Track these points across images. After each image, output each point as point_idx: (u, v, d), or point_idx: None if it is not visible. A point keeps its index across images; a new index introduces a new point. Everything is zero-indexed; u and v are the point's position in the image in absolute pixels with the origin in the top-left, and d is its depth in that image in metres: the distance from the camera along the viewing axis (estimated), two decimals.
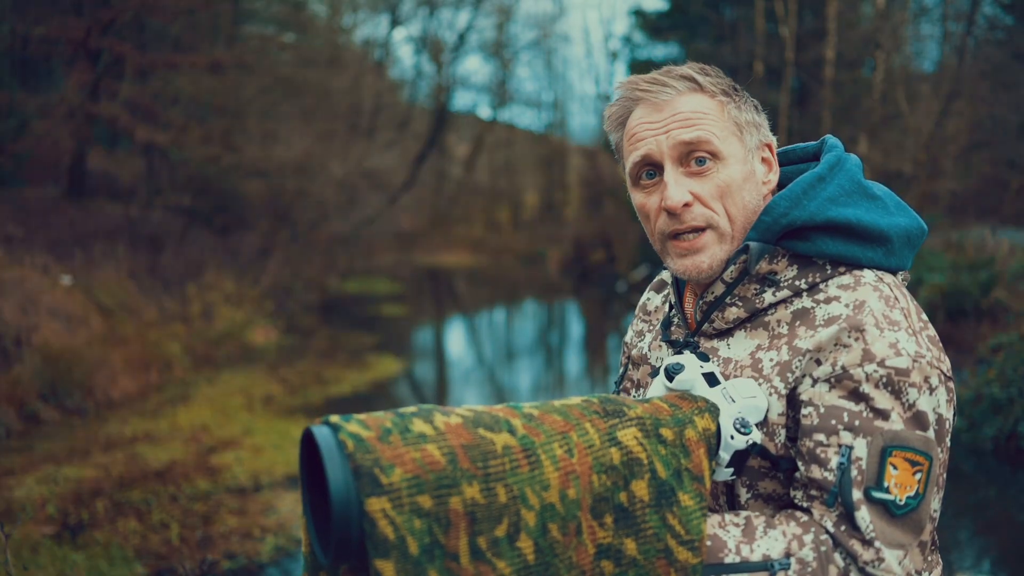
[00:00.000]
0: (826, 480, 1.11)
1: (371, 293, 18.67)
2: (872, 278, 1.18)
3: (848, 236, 1.18)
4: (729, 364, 1.22)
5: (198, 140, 12.25)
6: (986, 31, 16.08)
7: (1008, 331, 7.76)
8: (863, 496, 1.09)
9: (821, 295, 1.17)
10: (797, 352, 1.15)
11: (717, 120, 1.19)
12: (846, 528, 1.10)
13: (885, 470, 1.08)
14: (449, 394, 10.77)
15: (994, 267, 9.18)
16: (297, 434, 7.57)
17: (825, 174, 1.20)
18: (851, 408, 1.10)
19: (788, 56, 17.59)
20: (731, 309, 1.22)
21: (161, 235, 12.68)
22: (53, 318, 8.47)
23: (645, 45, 27.65)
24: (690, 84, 1.21)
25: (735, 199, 1.19)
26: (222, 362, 10.44)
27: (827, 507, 1.11)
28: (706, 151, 1.18)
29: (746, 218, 1.21)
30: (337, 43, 22.54)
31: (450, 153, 34.74)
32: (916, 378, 1.10)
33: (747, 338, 1.22)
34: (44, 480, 6.00)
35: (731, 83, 1.25)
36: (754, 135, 1.23)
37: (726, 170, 1.19)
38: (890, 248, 1.20)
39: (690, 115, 1.19)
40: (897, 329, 1.12)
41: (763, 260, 1.18)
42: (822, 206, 1.17)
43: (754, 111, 1.25)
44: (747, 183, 1.21)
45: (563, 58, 47.78)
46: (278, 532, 5.42)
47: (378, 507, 0.87)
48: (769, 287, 1.19)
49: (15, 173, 12.53)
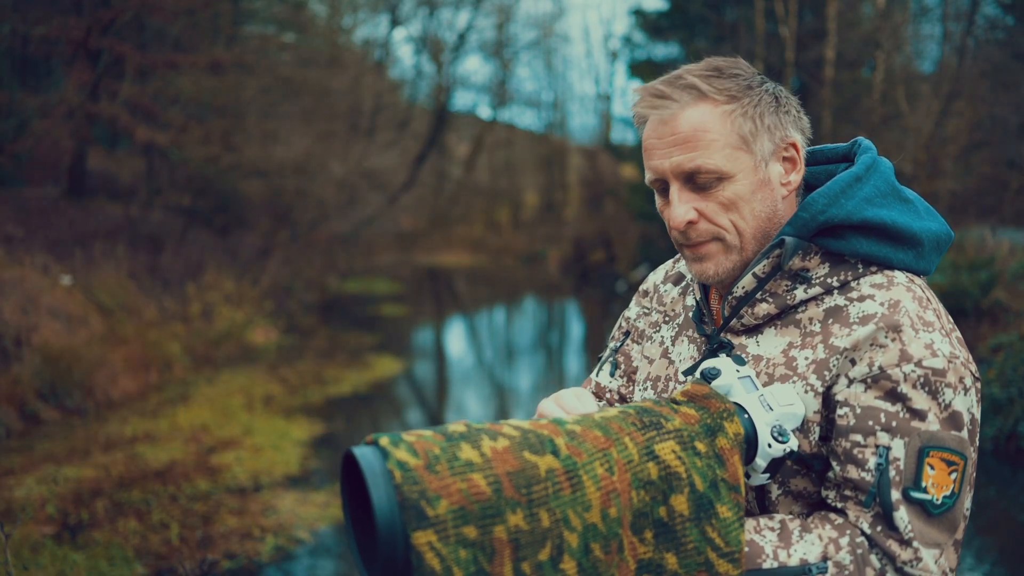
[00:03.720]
0: (863, 481, 1.11)
1: (371, 293, 18.67)
2: (904, 279, 1.19)
3: (881, 237, 1.18)
4: (760, 362, 1.21)
5: (198, 140, 12.24)
6: (986, 31, 16.08)
7: (1008, 331, 7.76)
8: (901, 496, 1.10)
9: (854, 293, 1.17)
10: (834, 351, 1.15)
11: (720, 136, 1.16)
12: (883, 529, 1.11)
13: (923, 470, 1.09)
14: (449, 394, 10.77)
15: (994, 267, 9.18)
16: (297, 434, 7.57)
17: (862, 174, 1.20)
18: (888, 409, 1.11)
19: (788, 56, 17.58)
20: (761, 305, 1.21)
21: (161, 235, 12.68)
22: (53, 318, 8.47)
23: (645, 45, 27.64)
24: (695, 94, 1.17)
25: (743, 212, 1.19)
26: (222, 362, 10.44)
27: (863, 508, 1.12)
28: (709, 175, 1.17)
29: (757, 226, 1.20)
30: (337, 43, 22.52)
31: (450, 153, 34.72)
32: (951, 379, 1.11)
33: (777, 335, 1.21)
34: (44, 480, 5.99)
35: (749, 80, 1.20)
36: (770, 139, 1.19)
37: (732, 187, 1.18)
38: (920, 251, 1.20)
39: (690, 136, 1.16)
40: (931, 330, 1.13)
41: (796, 256, 1.17)
42: (859, 206, 1.17)
43: (775, 110, 1.20)
44: (758, 192, 1.19)
45: (563, 58, 47.75)
46: (278, 532, 5.42)
47: (424, 540, 0.89)
48: (800, 284, 1.19)
49: (15, 173, 12.53)
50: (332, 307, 16.02)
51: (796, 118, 1.23)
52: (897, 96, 14.47)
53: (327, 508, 5.87)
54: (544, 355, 13.71)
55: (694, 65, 1.21)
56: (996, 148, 15.22)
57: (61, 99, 11.40)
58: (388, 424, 9.05)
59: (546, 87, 37.87)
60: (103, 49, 11.61)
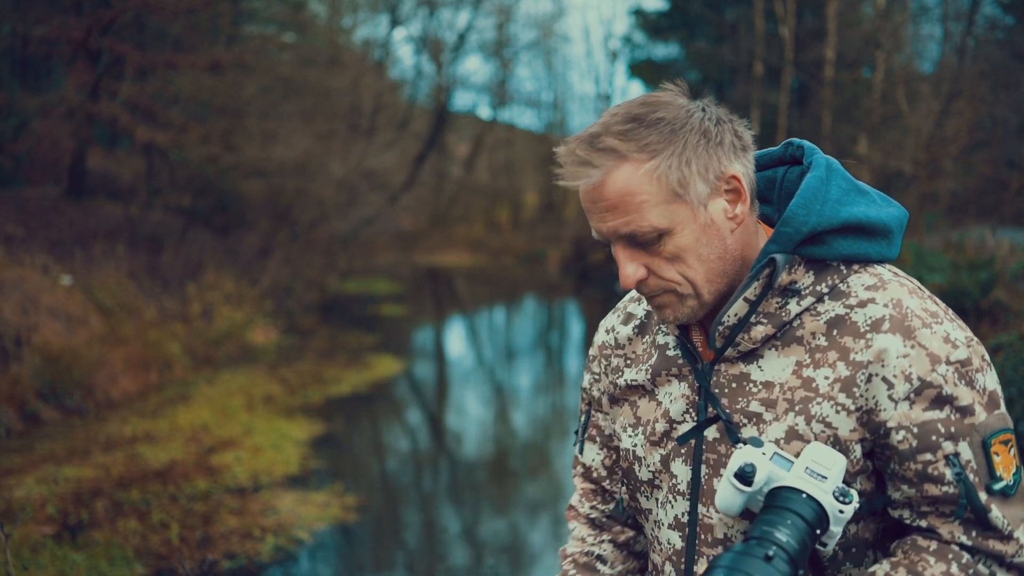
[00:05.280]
0: (948, 495, 1.11)
1: (371, 293, 18.67)
2: (889, 274, 1.19)
3: (858, 234, 1.18)
4: (773, 388, 1.17)
5: (198, 140, 12.23)
6: (986, 31, 16.07)
7: (1008, 331, 7.75)
8: (987, 495, 1.11)
9: (852, 299, 1.16)
10: (858, 366, 1.13)
11: (650, 195, 1.12)
12: (981, 533, 1.12)
13: (992, 461, 1.11)
14: (449, 394, 10.77)
15: (994, 267, 9.17)
16: (297, 434, 7.57)
17: (824, 176, 1.19)
18: (941, 417, 1.11)
19: (788, 56, 17.59)
20: (757, 328, 1.18)
21: (161, 235, 12.68)
22: (53, 318, 8.47)
23: (645, 45, 27.66)
24: (615, 156, 1.12)
25: (689, 262, 1.16)
26: (222, 362, 10.45)
27: (956, 519, 1.12)
28: (647, 234, 1.14)
29: (708, 270, 1.17)
30: (337, 43, 22.53)
31: (450, 153, 34.74)
32: (976, 362, 1.13)
33: (780, 356, 1.18)
34: (44, 480, 5.99)
35: (672, 122, 1.13)
36: (704, 181, 1.14)
37: (673, 241, 1.14)
38: (891, 239, 1.21)
39: (619, 202, 1.12)
40: (940, 320, 1.14)
41: (784, 271, 1.16)
42: (834, 208, 1.16)
43: (705, 147, 1.13)
44: (703, 238, 1.16)
45: (563, 58, 47.77)
46: (278, 532, 5.42)
47: None
48: (792, 297, 1.17)
49: (15, 173, 12.53)
50: (332, 307, 16.02)
51: (733, 143, 1.17)
52: (897, 96, 14.47)
53: (327, 508, 5.88)
54: (544, 355, 13.72)
55: (614, 118, 1.14)
56: (996, 148, 15.23)
57: (61, 99, 11.40)
58: (388, 424, 9.06)
59: (546, 87, 37.95)
60: (103, 49, 11.61)
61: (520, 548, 5.76)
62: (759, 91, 19.49)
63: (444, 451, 8.21)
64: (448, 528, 6.11)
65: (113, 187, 14.04)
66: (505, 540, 5.90)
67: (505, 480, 7.28)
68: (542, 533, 6.01)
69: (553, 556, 5.59)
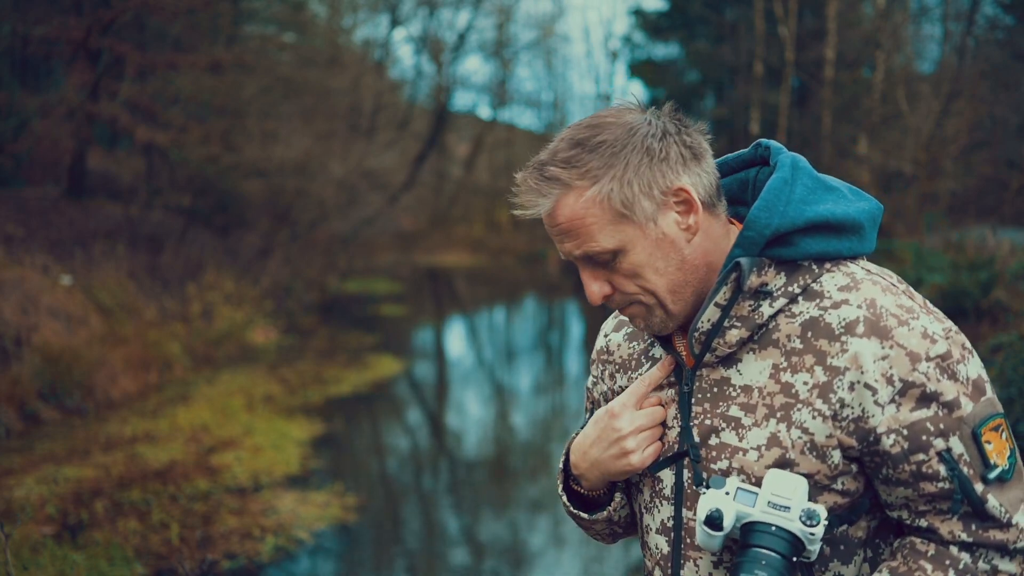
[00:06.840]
0: (944, 490, 1.13)
1: (371, 293, 18.68)
2: (862, 272, 1.19)
3: (826, 232, 1.18)
4: (752, 393, 1.19)
5: (198, 140, 12.24)
6: (986, 31, 16.08)
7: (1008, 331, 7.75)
8: (984, 484, 1.12)
9: (826, 301, 1.16)
10: (835, 371, 1.13)
11: (596, 218, 1.15)
12: (979, 526, 1.13)
13: (984, 450, 1.12)
14: (449, 394, 10.77)
15: (994, 267, 9.17)
16: (297, 434, 7.57)
17: (789, 177, 1.19)
18: (929, 415, 1.11)
19: (788, 56, 17.59)
20: (731, 332, 1.19)
21: (161, 235, 12.68)
22: (53, 318, 8.48)
23: (645, 45, 27.67)
24: (559, 185, 1.16)
25: (647, 276, 1.19)
26: (222, 362, 10.45)
27: (953, 515, 1.13)
28: (601, 255, 1.18)
29: (669, 281, 1.19)
30: (337, 43, 22.53)
31: (450, 153, 34.73)
32: (956, 353, 1.13)
33: (758, 360, 1.19)
34: (44, 480, 6.00)
35: (613, 143, 1.15)
36: (649, 199, 1.16)
37: (627, 259, 1.18)
38: (862, 234, 1.21)
39: (569, 227, 1.17)
40: (916, 315, 1.14)
41: (752, 274, 1.16)
42: (797, 209, 1.17)
43: (648, 165, 1.15)
44: (657, 252, 1.18)
45: (563, 58, 47.77)
46: (278, 532, 5.43)
47: None
48: (764, 299, 1.18)
49: (15, 173, 12.53)
50: (332, 307, 16.02)
51: (681, 155, 1.17)
52: (897, 96, 14.48)
53: (327, 508, 5.88)
54: (544, 355, 13.72)
55: (560, 143, 1.18)
56: (996, 148, 15.24)
57: (61, 99, 11.40)
58: (388, 424, 9.06)
59: (546, 87, 37.95)
60: (103, 49, 11.61)
61: (520, 548, 5.76)
62: (759, 91, 19.50)
63: (444, 451, 8.21)
64: (448, 528, 6.11)
65: (113, 187, 14.04)
66: (505, 540, 5.90)
67: (505, 480, 7.28)
68: (542, 533, 6.01)
69: (553, 556, 5.59)
